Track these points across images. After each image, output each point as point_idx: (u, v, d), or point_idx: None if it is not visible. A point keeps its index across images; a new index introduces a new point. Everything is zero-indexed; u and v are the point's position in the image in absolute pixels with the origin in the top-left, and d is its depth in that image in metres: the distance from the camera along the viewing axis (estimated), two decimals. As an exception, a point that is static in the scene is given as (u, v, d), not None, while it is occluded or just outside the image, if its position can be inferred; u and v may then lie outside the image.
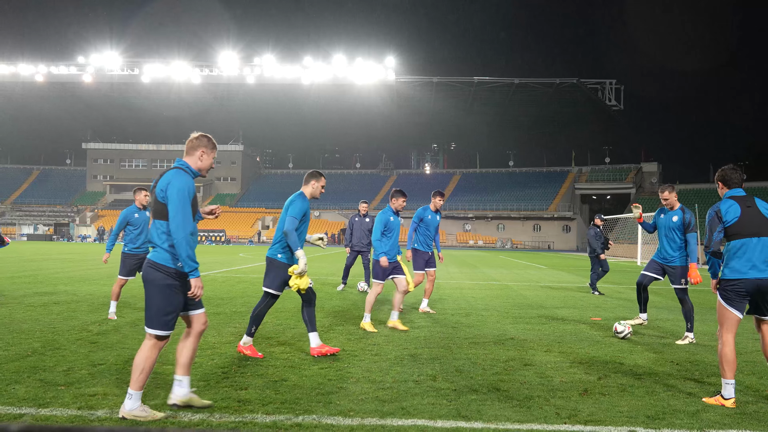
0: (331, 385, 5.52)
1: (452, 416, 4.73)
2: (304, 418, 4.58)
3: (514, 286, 17.19)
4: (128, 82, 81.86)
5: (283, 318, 9.68)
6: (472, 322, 9.75)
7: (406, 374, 6.03)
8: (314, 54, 78.78)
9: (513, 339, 8.20)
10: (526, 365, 6.57)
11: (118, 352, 6.73)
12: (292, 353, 6.92)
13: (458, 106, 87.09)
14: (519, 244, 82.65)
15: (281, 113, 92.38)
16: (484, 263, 31.90)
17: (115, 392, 5.13)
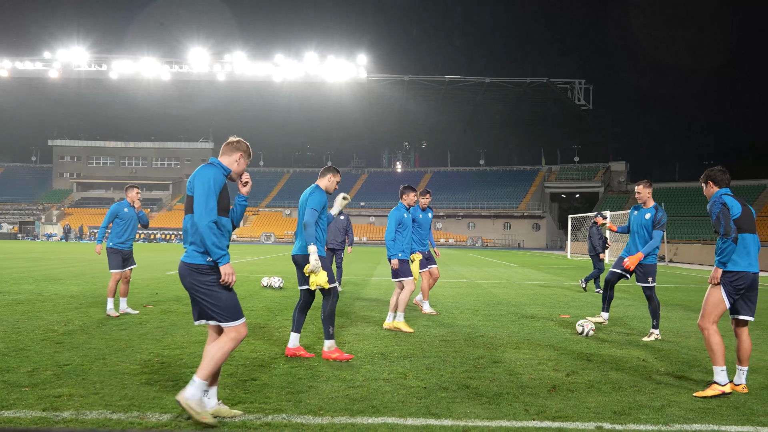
0: (301, 384, 5.51)
1: (422, 414, 4.75)
2: (274, 418, 4.56)
3: (484, 284, 17.31)
4: (96, 78, 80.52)
5: (252, 317, 9.63)
6: (443, 320, 9.80)
7: (377, 372, 6.04)
8: (286, 51, 78.38)
9: (483, 337, 8.25)
10: (496, 363, 6.62)
11: (84, 353, 6.63)
12: (262, 352, 6.88)
13: (430, 104, 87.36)
14: (489, 242, 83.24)
15: (252, 111, 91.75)
16: (454, 261, 32.06)
17: (81, 393, 5.05)
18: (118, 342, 7.30)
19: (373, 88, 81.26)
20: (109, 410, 4.65)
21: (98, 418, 4.49)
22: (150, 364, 6.17)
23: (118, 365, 6.08)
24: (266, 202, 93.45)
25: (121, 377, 5.60)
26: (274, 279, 14.65)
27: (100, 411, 4.62)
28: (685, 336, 8.78)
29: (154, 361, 6.32)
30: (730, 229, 5.60)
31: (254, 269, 21.73)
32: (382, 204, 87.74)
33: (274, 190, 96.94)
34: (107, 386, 5.29)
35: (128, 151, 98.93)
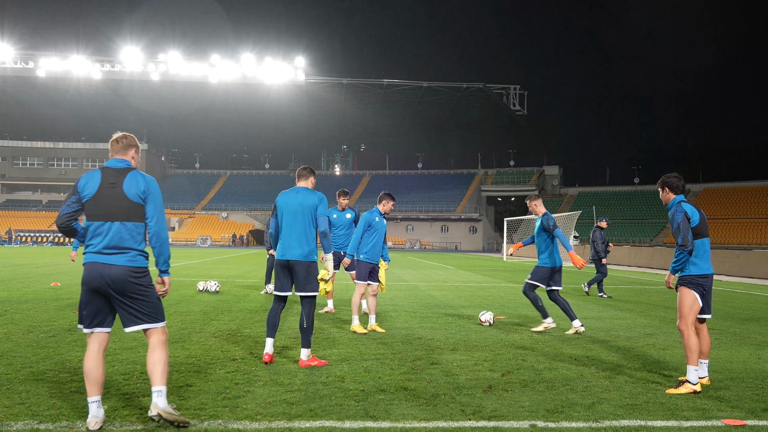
0: (237, 389, 5.44)
1: (360, 416, 4.76)
2: (210, 424, 4.49)
3: (422, 287, 17.45)
4: (22, 75, 77.40)
5: (188, 321, 9.45)
6: (381, 322, 9.83)
7: (314, 376, 6.02)
8: (222, 52, 77.16)
9: (421, 338, 8.32)
10: (433, 364, 6.69)
11: (9, 361, 6.37)
12: (198, 357, 6.76)
13: (368, 107, 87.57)
14: (427, 245, 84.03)
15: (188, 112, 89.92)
16: (393, 264, 32.20)
17: (6, 403, 4.85)
18: (45, 349, 7.04)
19: (311, 91, 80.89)
20: (36, 420, 4.49)
21: (24, 428, 4.32)
22: (79, 371, 5.98)
23: (46, 374, 5.87)
24: (202, 204, 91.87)
25: (50, 386, 5.41)
26: (210, 283, 14.40)
27: (26, 421, 4.46)
28: (615, 335, 9.07)
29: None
30: (687, 241, 5.86)
31: (190, 273, 21.32)
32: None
33: (210, 193, 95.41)
34: (34, 395, 5.11)
35: (57, 151, 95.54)
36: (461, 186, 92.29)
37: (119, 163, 4.68)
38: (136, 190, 4.55)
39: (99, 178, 4.57)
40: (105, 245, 4.48)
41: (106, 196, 4.52)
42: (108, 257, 4.47)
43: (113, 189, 4.53)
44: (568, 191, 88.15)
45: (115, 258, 4.48)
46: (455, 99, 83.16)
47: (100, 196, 4.53)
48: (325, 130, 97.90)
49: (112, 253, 4.48)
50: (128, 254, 4.50)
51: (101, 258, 4.48)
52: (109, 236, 4.49)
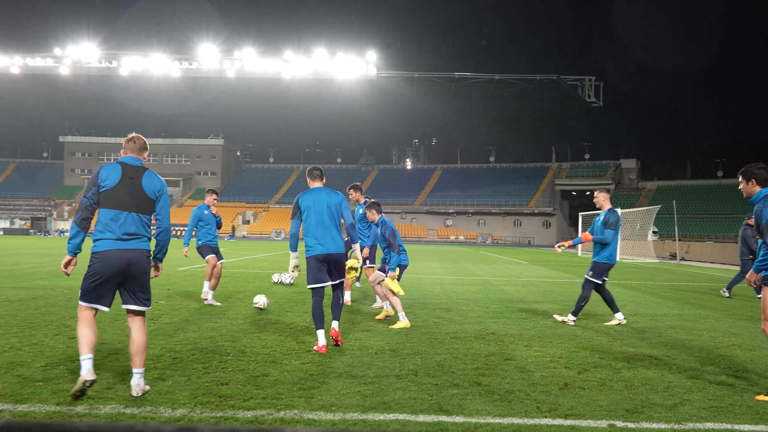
0: (312, 380, 5.52)
1: (433, 411, 4.75)
2: (286, 413, 4.58)
3: (494, 281, 17.27)
4: (106, 74, 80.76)
5: (263, 313, 9.66)
6: (453, 317, 9.79)
7: (388, 369, 6.05)
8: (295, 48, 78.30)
9: (494, 334, 8.24)
10: (507, 360, 6.61)
11: (97, 348, 6.66)
12: (273, 348, 6.90)
13: (439, 101, 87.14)
14: (499, 240, 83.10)
15: (262, 107, 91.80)
16: (464, 258, 32.03)
17: (94, 387, 5.08)
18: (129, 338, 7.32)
19: (382, 85, 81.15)
20: (123, 405, 4.68)
21: (112, 412, 4.51)
22: (162, 359, 6.20)
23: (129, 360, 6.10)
24: (276, 198, 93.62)
25: (134, 372, 5.62)
26: (285, 275, 14.68)
27: (114, 405, 4.65)
28: (697, 335, 8.73)
29: (167, 356, 6.34)
30: None
31: (264, 266, 21.79)
32: (391, 201, 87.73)
33: (284, 187, 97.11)
34: (120, 381, 5.32)
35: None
36: (534, 180, 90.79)
37: (136, 161, 5.19)
38: (152, 188, 5.14)
39: (120, 172, 5.03)
40: (124, 232, 4.97)
41: (126, 189, 5.02)
42: (127, 243, 4.99)
43: (132, 183, 5.03)
44: (646, 185, 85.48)
45: (133, 243, 5.02)
46: (528, 91, 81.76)
47: (121, 188, 5.00)
48: (395, 124, 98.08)
49: (131, 239, 5.01)
50: (141, 240, 5.07)
51: (120, 244, 4.95)
52: (126, 224, 4.98)
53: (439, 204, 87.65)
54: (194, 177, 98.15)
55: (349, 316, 9.58)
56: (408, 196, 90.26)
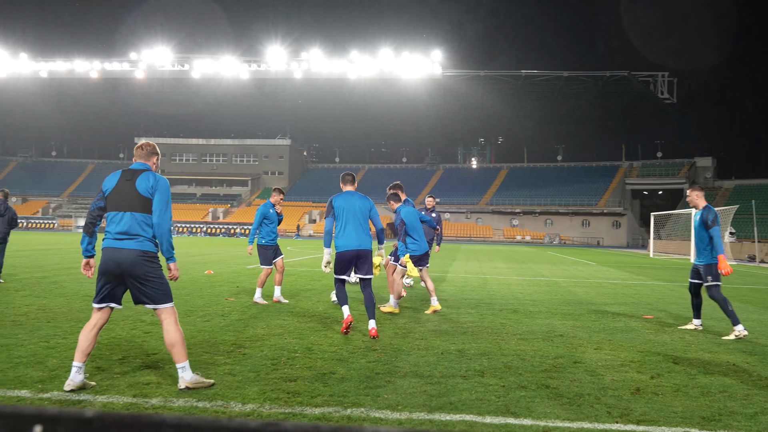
0: (379, 379, 5.54)
1: (501, 412, 4.69)
2: (353, 411, 4.60)
3: (562, 282, 16.96)
4: (178, 77, 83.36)
5: (330, 311, 9.76)
6: (520, 318, 9.66)
7: (454, 369, 6.01)
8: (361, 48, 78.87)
9: (562, 336, 8.09)
10: (576, 363, 6.47)
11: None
12: (340, 346, 6.96)
13: (506, 99, 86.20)
14: (567, 240, 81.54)
15: (328, 108, 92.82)
16: (531, 259, 31.57)
17: (168, 381, 5.24)
18: (201, 333, 7.53)
19: (448, 84, 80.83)
20: (195, 398, 4.80)
21: (185, 405, 4.64)
22: (232, 355, 6.34)
23: (202, 355, 6.27)
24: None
25: (206, 367, 5.77)
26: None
27: (186, 399, 4.78)
28: (779, 340, 8.34)
29: (236, 352, 6.48)
30: None
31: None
32: (457, 200, 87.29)
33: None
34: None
35: (209, 147, 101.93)
36: (604, 179, 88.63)
37: (139, 166, 5.34)
38: (145, 186, 5.16)
39: (118, 176, 5.25)
40: (118, 231, 5.09)
41: (122, 190, 5.17)
42: (120, 242, 5.08)
43: (128, 184, 5.16)
44: (723, 184, 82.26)
45: (125, 243, 5.07)
46: (597, 88, 79.93)
47: (117, 190, 5.18)
48: (461, 123, 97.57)
49: (123, 239, 5.08)
50: (136, 240, 5.08)
51: (114, 243, 5.08)
52: (122, 224, 5.10)
53: (505, 204, 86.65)
54: (262, 177, 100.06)
55: (414, 315, 9.58)
56: (473, 195, 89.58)
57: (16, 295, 10.59)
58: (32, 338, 6.87)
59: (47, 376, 5.27)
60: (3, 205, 12.99)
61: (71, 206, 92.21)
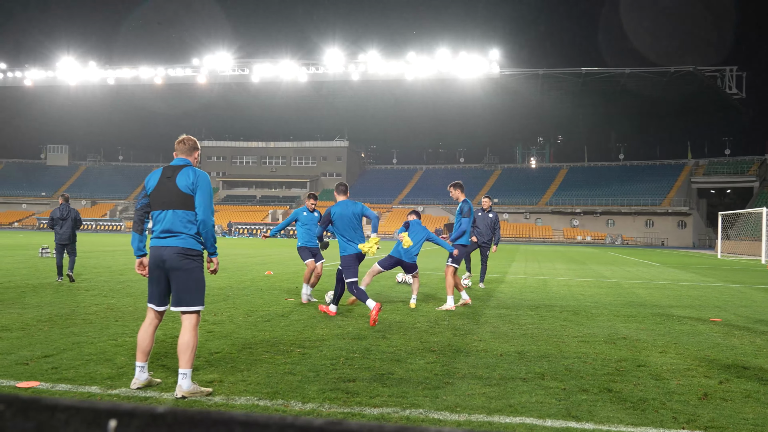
0: (437, 380, 5.52)
1: (562, 416, 4.62)
2: (411, 412, 4.61)
3: (625, 284, 16.57)
4: (239, 82, 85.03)
5: (387, 312, 9.79)
6: (581, 320, 9.48)
7: (513, 371, 5.94)
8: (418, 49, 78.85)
9: (625, 338, 7.90)
10: (640, 366, 6.31)
11: (232, 342, 7.02)
12: (398, 347, 6.97)
13: (565, 97, 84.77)
14: (630, 240, 79.62)
15: (385, 109, 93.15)
16: (592, 260, 30.95)
17: (230, 379, 5.35)
18: (262, 332, 7.66)
19: (506, 83, 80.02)
20: (256, 396, 4.89)
21: (246, 403, 4.73)
22: (292, 354, 6.43)
23: (262, 355, 6.38)
24: (399, 199, 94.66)
25: (266, 366, 5.87)
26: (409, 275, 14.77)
27: (248, 397, 4.87)
28: None
29: (296, 351, 6.57)
30: None
31: (388, 265, 22.05)
32: (515, 201, 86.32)
33: (407, 188, 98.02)
34: (253, 374, 5.57)
35: (269, 150, 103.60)
36: (668, 177, 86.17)
37: (180, 161, 5.33)
38: (186, 182, 5.13)
39: (159, 174, 5.27)
40: (161, 230, 5.14)
41: (163, 188, 5.19)
42: (163, 240, 5.11)
43: (168, 182, 5.17)
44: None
45: (168, 240, 5.09)
46: (661, 84, 77.74)
47: (159, 188, 5.20)
48: (519, 123, 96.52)
49: (166, 237, 5.11)
50: (179, 237, 5.09)
51: (158, 241, 5.12)
52: (165, 222, 5.11)
53: (565, 204, 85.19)
54: (320, 178, 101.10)
55: (473, 317, 9.52)
56: (532, 195, 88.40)
57: (86, 295, 10.99)
58: (101, 336, 7.12)
59: (116, 373, 5.46)
60: (65, 208, 13.86)
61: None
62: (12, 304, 9.54)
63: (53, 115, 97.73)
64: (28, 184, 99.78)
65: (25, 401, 0.58)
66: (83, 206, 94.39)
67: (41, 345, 6.54)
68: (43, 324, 7.84)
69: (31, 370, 5.50)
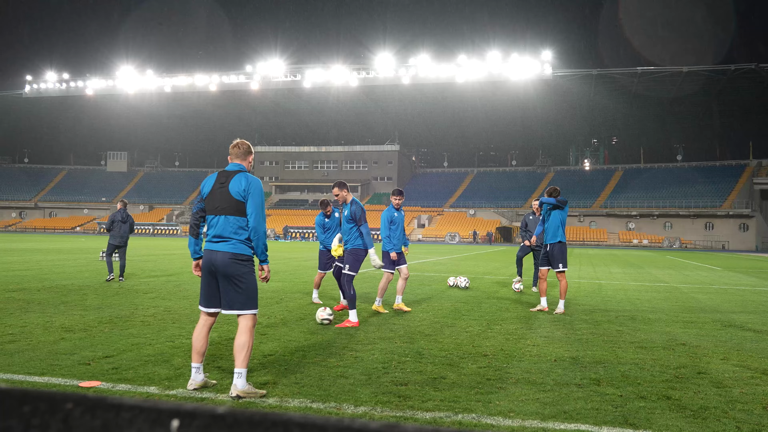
0: (490, 385, 5.47)
1: (619, 423, 4.52)
2: (464, 417, 4.58)
3: (684, 288, 16.13)
4: (290, 87, 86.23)
5: (440, 316, 9.75)
6: (638, 325, 9.27)
7: (568, 377, 5.85)
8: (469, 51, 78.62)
9: (684, 345, 7.69)
10: (700, 373, 6.13)
11: (285, 344, 7.11)
12: (450, 351, 6.94)
13: (620, 98, 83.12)
14: (688, 244, 77.46)
15: (436, 112, 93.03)
16: (649, 263, 30.23)
17: (284, 382, 5.41)
18: (315, 335, 7.73)
19: (558, 84, 79.01)
20: (309, 399, 4.93)
21: (299, 405, 4.78)
22: (344, 357, 6.46)
23: (315, 358, 6.43)
24: (450, 202, 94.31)
25: (318, 369, 5.92)
26: (461, 279, 14.71)
27: (301, 399, 4.92)
28: None
29: (348, 355, 6.60)
30: None
31: (440, 269, 22.01)
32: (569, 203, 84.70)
33: (458, 191, 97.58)
34: (306, 377, 5.62)
35: (320, 155, 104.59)
36: (728, 179, 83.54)
37: (233, 167, 5.39)
38: (238, 189, 5.20)
39: (214, 180, 5.36)
40: (213, 234, 5.22)
41: (217, 194, 5.27)
42: (215, 245, 5.19)
43: (222, 188, 5.24)
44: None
45: (219, 245, 5.15)
46: (721, 83, 75.55)
47: (213, 194, 5.29)
48: (573, 124, 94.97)
49: (218, 242, 5.19)
50: (229, 242, 5.16)
51: (210, 245, 5.20)
52: (217, 227, 5.22)
53: (621, 206, 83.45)
54: (372, 182, 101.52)
55: (526, 321, 9.41)
56: (586, 198, 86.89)
57: (144, 297, 11.29)
58: (159, 338, 7.30)
59: (173, 374, 5.59)
60: (124, 213, 14.68)
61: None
62: (74, 306, 9.87)
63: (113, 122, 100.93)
64: (89, 190, 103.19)
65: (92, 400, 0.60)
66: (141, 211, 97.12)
67: (102, 346, 6.75)
68: (104, 325, 8.08)
69: (93, 370, 5.68)
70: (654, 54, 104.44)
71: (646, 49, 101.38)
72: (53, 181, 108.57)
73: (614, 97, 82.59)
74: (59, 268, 17.10)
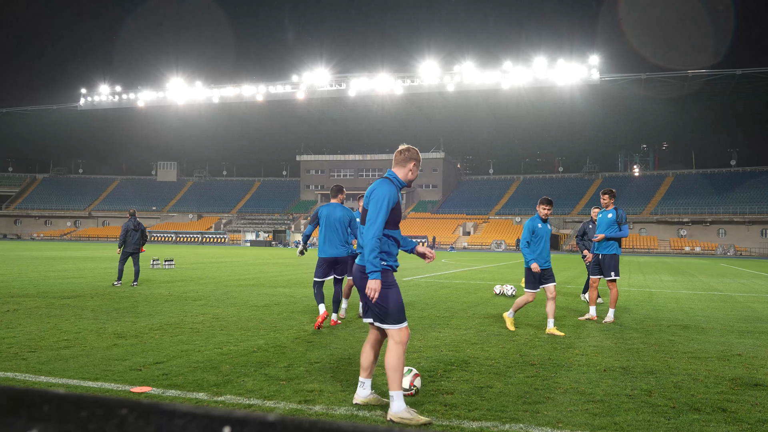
0: (537, 395, 5.40)
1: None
2: (511, 427, 4.52)
3: (739, 297, 15.66)
4: (336, 96, 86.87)
5: (486, 324, 9.67)
6: (691, 335, 9.03)
7: (618, 387, 5.73)
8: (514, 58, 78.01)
9: (740, 355, 7.46)
10: (757, 385, 5.94)
11: (332, 352, 7.14)
12: (497, 360, 6.87)
13: (670, 102, 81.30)
14: (744, 251, 75.19)
15: (480, 119, 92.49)
16: (702, 271, 29.45)
17: (330, 389, 5.44)
18: (360, 343, 7.75)
19: (606, 89, 77.73)
20: (355, 408, 4.94)
21: (346, 413, 4.79)
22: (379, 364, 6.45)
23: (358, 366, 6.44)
24: (496, 209, 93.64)
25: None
26: (507, 287, 14.59)
27: (348, 407, 4.94)
28: None
29: (394, 363, 6.59)
30: None
31: (485, 277, 21.85)
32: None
33: (503, 198, 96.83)
34: (352, 384, 5.63)
35: (365, 163, 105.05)
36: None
37: (386, 174, 5.15)
38: (366, 199, 5.06)
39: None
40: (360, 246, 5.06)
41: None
42: (358, 258, 5.09)
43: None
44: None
45: (357, 258, 5.08)
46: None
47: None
48: (621, 130, 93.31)
49: (358, 254, 5.09)
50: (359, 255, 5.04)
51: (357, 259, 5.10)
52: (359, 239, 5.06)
53: (672, 213, 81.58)
54: (416, 190, 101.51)
55: (575, 330, 9.26)
56: (636, 204, 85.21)
57: (194, 305, 11.49)
58: (208, 345, 7.41)
59: (221, 381, 5.66)
60: (135, 221, 15.33)
61: (240, 221, 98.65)
62: (126, 313, 10.11)
63: (163, 133, 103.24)
64: (140, 199, 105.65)
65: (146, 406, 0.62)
66: (190, 219, 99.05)
67: (153, 352, 6.89)
68: (154, 332, 8.24)
69: (144, 375, 5.80)
70: (704, 57, 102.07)
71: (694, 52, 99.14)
72: (106, 191, 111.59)
73: (664, 101, 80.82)
74: (112, 276, 17.53)
